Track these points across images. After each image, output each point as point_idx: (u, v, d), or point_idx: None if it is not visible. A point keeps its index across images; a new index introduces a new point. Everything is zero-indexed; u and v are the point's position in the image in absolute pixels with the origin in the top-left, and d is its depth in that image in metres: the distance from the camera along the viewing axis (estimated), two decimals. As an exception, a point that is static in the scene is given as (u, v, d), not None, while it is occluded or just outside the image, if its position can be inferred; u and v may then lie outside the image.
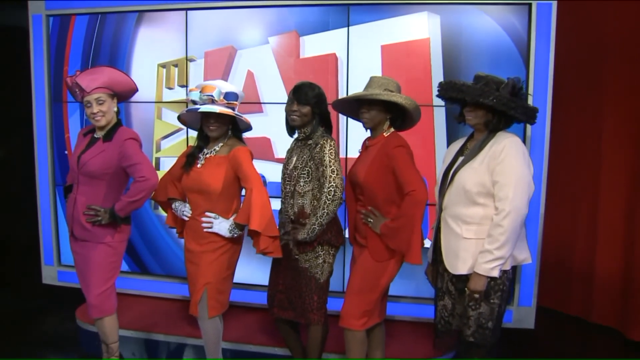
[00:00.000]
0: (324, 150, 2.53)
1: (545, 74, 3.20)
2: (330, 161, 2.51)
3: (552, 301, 4.12)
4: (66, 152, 3.89)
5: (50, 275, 4.04)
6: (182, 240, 3.68)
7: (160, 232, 3.85)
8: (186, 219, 2.71)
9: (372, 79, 2.60)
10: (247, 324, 3.46)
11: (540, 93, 3.17)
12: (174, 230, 3.38)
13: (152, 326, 3.42)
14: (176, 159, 2.83)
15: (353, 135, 3.44)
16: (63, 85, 3.83)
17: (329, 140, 2.56)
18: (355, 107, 2.63)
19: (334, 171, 2.50)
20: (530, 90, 3.22)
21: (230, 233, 2.60)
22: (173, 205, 2.78)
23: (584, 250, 4.17)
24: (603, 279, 4.03)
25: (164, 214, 3.73)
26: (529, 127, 3.24)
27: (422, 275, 3.34)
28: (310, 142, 2.59)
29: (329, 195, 2.48)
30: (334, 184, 2.49)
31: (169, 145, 3.76)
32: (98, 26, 3.75)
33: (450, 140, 3.36)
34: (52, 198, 3.95)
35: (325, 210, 2.49)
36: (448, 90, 2.41)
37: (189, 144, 3.67)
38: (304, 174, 2.59)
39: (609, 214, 3.99)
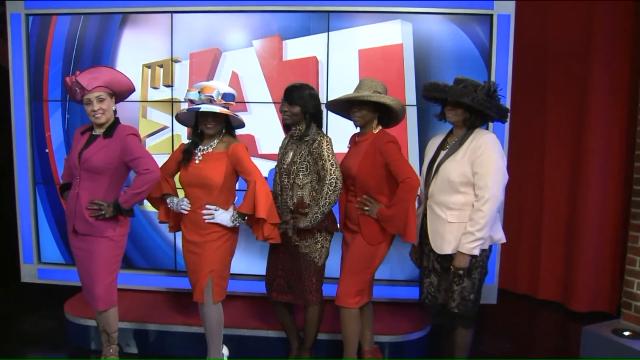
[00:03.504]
0: (322, 146, 2.74)
1: (505, 76, 3.55)
2: (328, 155, 2.72)
3: (504, 281, 4.51)
4: (47, 150, 3.88)
5: (29, 273, 4.01)
6: (168, 235, 3.84)
7: (145, 226, 3.91)
8: (185, 212, 2.81)
9: (362, 81, 2.83)
10: (236, 310, 3.57)
11: (501, 94, 3.53)
12: (160, 225, 3.45)
13: (143, 317, 3.48)
14: (162, 156, 2.94)
15: (333, 133, 3.64)
16: (44, 84, 3.82)
17: (325, 137, 2.77)
18: (346, 107, 2.87)
19: (333, 164, 2.71)
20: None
21: (233, 223, 2.78)
22: (169, 200, 2.87)
23: (531, 236, 4.62)
24: (548, 260, 4.49)
25: (147, 209, 3.84)
26: (491, 124, 3.60)
27: (396, 260, 3.66)
28: (307, 138, 2.78)
29: (331, 186, 2.68)
30: (335, 176, 2.70)
31: (153, 143, 3.83)
32: (81, 26, 3.75)
33: (421, 137, 3.67)
34: (32, 196, 3.92)
35: (327, 200, 2.69)
36: (432, 91, 2.68)
37: (175, 142, 3.78)
38: (303, 167, 2.78)
39: (552, 202, 4.44)
